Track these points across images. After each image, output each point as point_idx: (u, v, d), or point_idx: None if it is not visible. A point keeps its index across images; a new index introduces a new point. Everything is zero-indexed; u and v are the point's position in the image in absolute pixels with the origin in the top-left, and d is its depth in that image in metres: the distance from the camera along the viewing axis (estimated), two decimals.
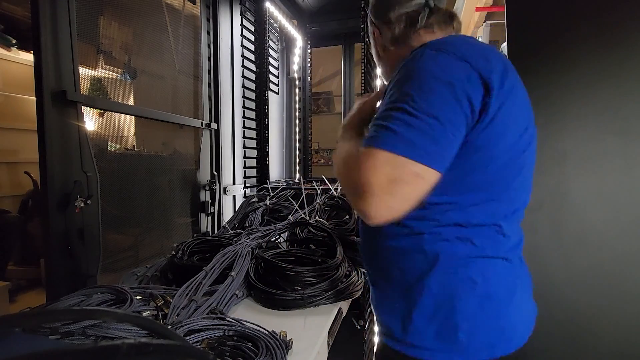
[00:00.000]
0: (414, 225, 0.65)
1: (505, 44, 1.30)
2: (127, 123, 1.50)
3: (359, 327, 1.58)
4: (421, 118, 0.56)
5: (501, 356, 0.64)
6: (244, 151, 2.01)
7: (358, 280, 1.08)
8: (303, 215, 1.49)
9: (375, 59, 0.89)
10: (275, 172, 2.47)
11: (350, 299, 1.08)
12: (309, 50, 2.69)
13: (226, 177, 1.85)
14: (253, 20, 2.05)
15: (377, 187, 0.55)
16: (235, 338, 0.73)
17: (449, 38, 0.68)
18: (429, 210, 0.64)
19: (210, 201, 1.75)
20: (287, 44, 2.63)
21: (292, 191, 1.81)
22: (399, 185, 0.55)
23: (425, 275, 0.64)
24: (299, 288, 0.95)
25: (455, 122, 0.57)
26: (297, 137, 2.69)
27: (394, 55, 0.80)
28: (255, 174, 2.11)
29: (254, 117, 2.08)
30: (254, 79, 2.07)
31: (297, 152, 2.69)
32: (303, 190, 1.71)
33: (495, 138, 0.60)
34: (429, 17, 0.76)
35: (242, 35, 1.96)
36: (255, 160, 2.11)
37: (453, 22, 0.78)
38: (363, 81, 1.73)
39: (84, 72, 1.14)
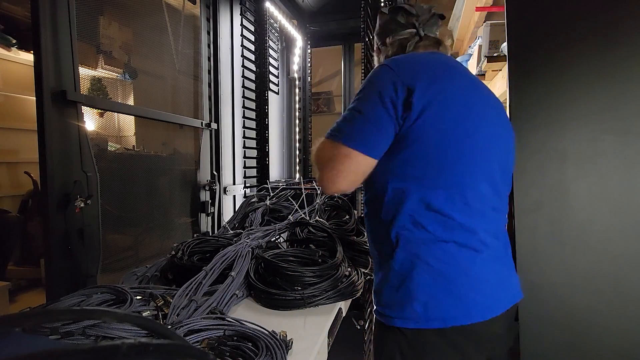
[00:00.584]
0: (382, 214, 0.80)
1: (505, 44, 1.30)
2: (127, 123, 1.50)
3: (359, 327, 1.58)
4: (355, 116, 0.78)
5: (452, 326, 0.73)
6: (244, 151, 2.01)
7: (358, 280, 1.08)
8: (303, 215, 1.49)
9: None
10: (275, 172, 2.47)
11: (350, 299, 1.08)
12: (309, 50, 2.69)
13: (226, 177, 1.85)
14: (253, 20, 2.04)
15: (322, 164, 0.80)
16: (235, 338, 0.73)
17: (402, 56, 0.88)
18: (390, 199, 0.78)
19: (210, 201, 1.75)
20: (287, 44, 2.63)
21: (292, 191, 1.81)
22: (334, 162, 0.77)
23: (390, 257, 0.78)
24: (299, 288, 0.95)
25: (380, 119, 0.75)
26: (297, 137, 2.69)
27: None
28: (255, 174, 2.11)
29: (254, 117, 2.08)
30: (254, 79, 2.07)
31: (297, 152, 2.69)
32: (303, 190, 1.71)
33: (428, 130, 0.74)
34: (418, 43, 0.94)
35: (242, 35, 1.96)
36: (255, 160, 2.11)
37: (439, 47, 0.95)
38: (363, 81, 1.73)
39: (84, 72, 1.14)
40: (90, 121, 1.21)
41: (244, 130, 1.99)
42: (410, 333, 0.75)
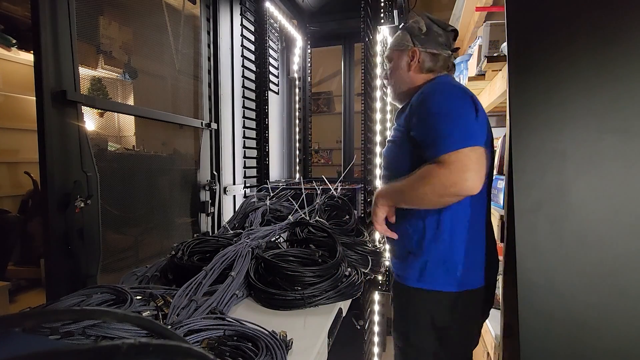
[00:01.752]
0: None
1: (505, 44, 1.30)
2: (127, 123, 1.50)
3: (359, 327, 1.58)
4: None
5: (479, 287, 1.11)
6: (244, 151, 2.01)
7: (358, 280, 1.08)
8: (303, 215, 1.49)
9: (393, 70, 1.25)
10: (275, 172, 2.47)
11: (350, 299, 1.08)
12: (309, 50, 2.69)
13: (226, 177, 1.85)
14: (253, 20, 2.04)
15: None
16: (235, 338, 0.73)
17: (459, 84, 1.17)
18: None
19: (210, 201, 1.75)
20: (287, 44, 2.63)
21: (292, 191, 1.81)
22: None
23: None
24: (299, 288, 0.95)
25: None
26: (297, 137, 2.69)
27: (410, 78, 1.21)
28: (255, 174, 2.11)
29: (254, 117, 2.08)
30: (254, 79, 2.06)
31: (297, 152, 2.69)
32: (303, 190, 1.71)
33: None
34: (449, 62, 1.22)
35: (242, 35, 1.96)
36: (255, 160, 2.11)
37: (452, 69, 1.23)
38: (363, 81, 1.72)
39: (84, 72, 1.14)
40: (90, 121, 1.21)
41: (244, 130, 2.00)
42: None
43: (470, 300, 1.10)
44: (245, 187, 2.00)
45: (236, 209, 1.79)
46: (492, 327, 1.50)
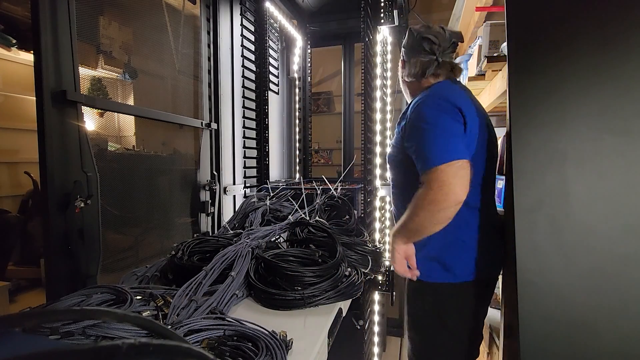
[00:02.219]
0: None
1: (505, 44, 1.30)
2: (127, 123, 1.50)
3: (359, 327, 1.58)
4: None
5: (473, 280, 1.18)
6: (244, 151, 2.01)
7: (358, 280, 1.08)
8: (303, 215, 1.49)
9: (400, 80, 1.37)
10: (275, 172, 2.47)
11: (350, 299, 1.08)
12: (309, 50, 2.69)
13: (226, 177, 1.85)
14: (253, 20, 2.04)
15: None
16: (235, 338, 0.73)
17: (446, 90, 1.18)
18: None
19: (210, 201, 1.75)
20: (287, 44, 2.63)
21: (292, 191, 1.81)
22: None
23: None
24: (299, 288, 0.95)
25: None
26: (297, 137, 2.69)
27: (411, 85, 1.31)
28: (255, 174, 2.11)
29: (254, 117, 2.08)
30: (254, 79, 2.06)
31: (297, 152, 2.69)
32: (303, 190, 1.71)
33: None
34: (437, 69, 1.23)
35: (242, 35, 1.96)
36: (255, 160, 2.11)
37: (454, 70, 1.25)
38: (363, 81, 1.72)
39: (84, 72, 1.14)
40: (90, 121, 1.21)
41: (244, 130, 1.99)
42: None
43: (463, 292, 1.19)
44: (245, 187, 2.00)
45: (236, 209, 1.79)
46: (492, 327, 1.50)
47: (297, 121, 2.69)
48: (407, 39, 1.29)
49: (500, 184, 1.45)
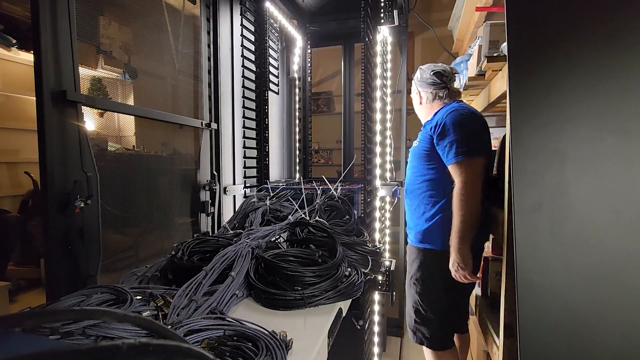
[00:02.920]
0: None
1: (505, 44, 1.30)
2: (127, 123, 1.50)
3: (359, 327, 1.58)
4: None
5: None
6: (244, 151, 2.01)
7: (358, 280, 1.08)
8: (303, 215, 1.49)
9: (416, 107, 1.80)
10: (275, 172, 2.47)
11: (350, 299, 1.08)
12: (309, 50, 2.69)
13: (226, 177, 1.85)
14: (253, 20, 2.04)
15: None
16: (235, 338, 0.73)
17: (468, 111, 1.59)
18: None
19: (210, 201, 1.75)
20: (287, 44, 2.63)
21: (292, 191, 1.81)
22: None
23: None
24: (299, 288, 0.95)
25: None
26: (297, 137, 2.69)
27: (426, 109, 1.73)
28: (255, 174, 2.11)
29: (254, 117, 2.08)
30: (254, 79, 2.06)
31: (297, 152, 2.69)
32: (303, 190, 1.71)
33: None
34: (447, 93, 1.68)
35: (242, 35, 1.96)
36: (255, 160, 2.11)
37: (458, 95, 1.72)
38: (363, 81, 1.72)
39: (84, 72, 1.14)
40: (90, 121, 1.21)
41: (244, 130, 1.99)
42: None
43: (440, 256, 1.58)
44: (245, 187, 2.00)
45: (236, 209, 1.79)
46: (492, 327, 1.50)
47: (297, 121, 2.69)
48: (420, 75, 1.72)
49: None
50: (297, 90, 2.67)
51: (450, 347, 1.68)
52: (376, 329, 1.96)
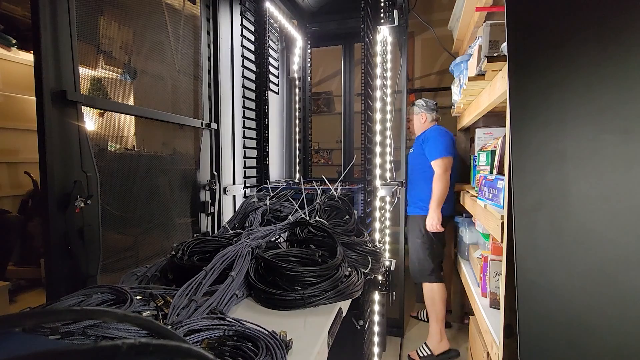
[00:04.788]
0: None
1: (505, 44, 1.30)
2: (127, 123, 1.50)
3: (359, 327, 1.58)
4: None
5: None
6: (244, 151, 2.01)
7: (358, 280, 1.08)
8: (303, 215, 1.49)
9: (417, 122, 2.81)
10: (275, 172, 2.47)
11: (350, 299, 1.08)
12: (309, 50, 2.69)
13: (226, 177, 1.85)
14: (253, 20, 2.04)
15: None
16: (235, 338, 0.73)
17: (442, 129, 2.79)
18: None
19: (210, 201, 1.75)
20: (287, 44, 2.63)
21: (292, 191, 1.81)
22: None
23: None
24: (299, 288, 0.95)
25: None
26: (297, 137, 2.69)
27: (424, 126, 2.79)
28: (255, 174, 2.11)
29: (254, 117, 2.08)
30: (254, 79, 2.06)
31: (297, 152, 2.69)
32: (303, 190, 1.71)
33: None
34: (434, 117, 2.80)
35: (242, 35, 1.96)
36: (255, 160, 2.11)
37: (438, 120, 2.84)
38: (363, 81, 1.72)
39: (84, 72, 1.14)
40: (90, 121, 1.21)
41: (244, 130, 2.00)
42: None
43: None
44: (245, 187, 2.00)
45: (236, 209, 1.79)
46: (492, 327, 1.50)
47: (297, 121, 2.69)
48: (425, 104, 2.76)
49: (500, 184, 1.45)
50: (297, 90, 2.67)
51: (443, 281, 2.64)
52: (376, 329, 1.96)
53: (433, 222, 2.49)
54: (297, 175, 2.68)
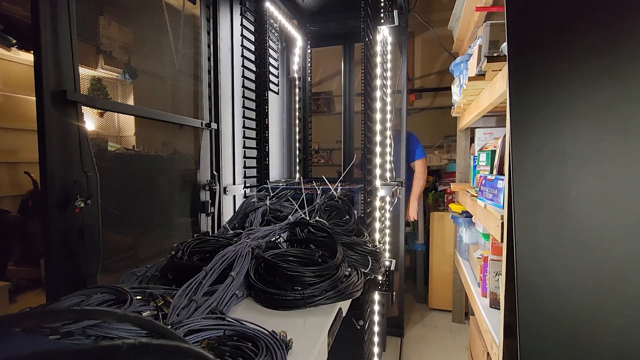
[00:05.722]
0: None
1: (505, 44, 1.30)
2: (127, 123, 1.50)
3: (359, 327, 1.58)
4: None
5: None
6: (244, 151, 2.01)
7: (358, 280, 1.08)
8: (303, 215, 1.49)
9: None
10: (275, 172, 2.47)
11: (350, 299, 1.08)
12: (309, 50, 2.69)
13: (226, 177, 1.85)
14: (253, 20, 2.04)
15: None
16: (235, 338, 0.73)
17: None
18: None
19: (210, 201, 1.75)
20: (287, 44, 2.63)
21: (292, 191, 1.81)
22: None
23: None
24: (299, 288, 0.95)
25: None
26: (297, 137, 2.69)
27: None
28: (255, 174, 2.11)
29: (254, 117, 2.08)
30: (254, 79, 2.06)
31: (297, 152, 2.69)
32: (303, 190, 1.71)
33: None
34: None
35: (242, 35, 1.96)
36: (255, 160, 2.11)
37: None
38: (363, 81, 1.72)
39: (84, 72, 1.14)
40: (90, 121, 1.21)
41: (244, 130, 1.99)
42: None
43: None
44: (245, 187, 2.00)
45: (236, 209, 1.79)
46: (492, 327, 1.50)
47: (297, 121, 2.69)
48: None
49: (500, 184, 1.45)
50: (297, 90, 2.67)
51: None
52: (376, 329, 1.96)
53: (414, 212, 3.17)
54: (297, 175, 2.68)
